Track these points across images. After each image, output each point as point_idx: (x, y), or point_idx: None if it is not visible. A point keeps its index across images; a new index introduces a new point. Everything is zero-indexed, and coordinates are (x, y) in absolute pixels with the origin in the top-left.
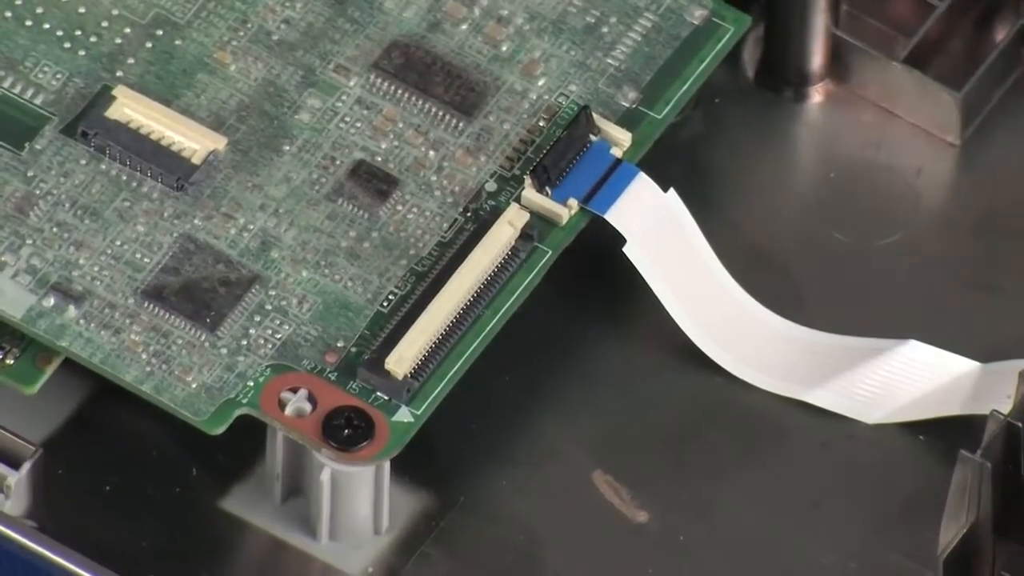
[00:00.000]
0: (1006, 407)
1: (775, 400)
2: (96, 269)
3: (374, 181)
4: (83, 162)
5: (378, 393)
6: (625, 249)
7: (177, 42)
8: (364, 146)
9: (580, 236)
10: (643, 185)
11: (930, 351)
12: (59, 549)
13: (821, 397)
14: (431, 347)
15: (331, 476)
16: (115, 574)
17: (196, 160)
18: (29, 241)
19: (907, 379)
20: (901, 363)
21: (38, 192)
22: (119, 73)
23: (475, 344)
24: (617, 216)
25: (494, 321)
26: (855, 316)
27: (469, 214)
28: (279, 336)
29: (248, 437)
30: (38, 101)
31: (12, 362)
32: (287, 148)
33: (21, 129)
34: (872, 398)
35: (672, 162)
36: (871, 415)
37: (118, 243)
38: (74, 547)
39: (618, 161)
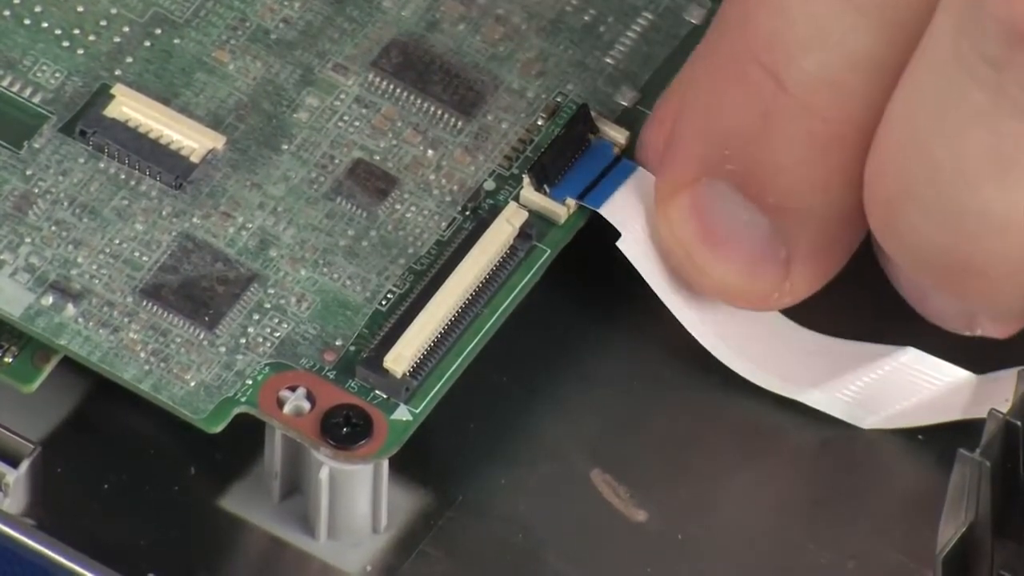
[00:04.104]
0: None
1: (774, 400)
2: (94, 267)
3: (372, 180)
4: (81, 160)
5: (376, 391)
6: (619, 243)
7: (175, 41)
8: (363, 145)
9: (580, 235)
10: (641, 179)
11: (928, 359)
12: (58, 547)
13: (816, 398)
14: (430, 346)
15: (330, 474)
16: (113, 572)
17: (195, 159)
18: (27, 239)
19: (903, 386)
20: (898, 370)
21: (37, 191)
22: (117, 72)
23: (474, 343)
24: (611, 210)
25: (492, 320)
26: (853, 320)
27: (468, 213)
28: (278, 334)
29: (246, 435)
30: (36, 100)
31: (10, 360)
32: (285, 147)
33: (20, 128)
34: (866, 403)
35: None
36: (865, 420)
37: (116, 241)
38: (72, 545)
39: (617, 158)
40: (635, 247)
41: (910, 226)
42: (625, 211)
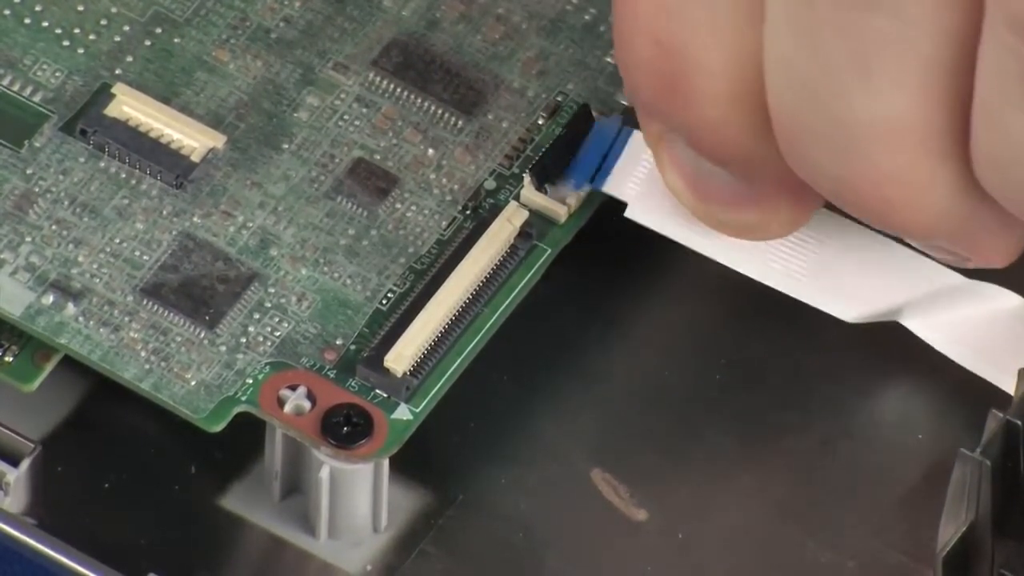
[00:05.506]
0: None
1: (774, 398)
2: (95, 266)
3: (373, 179)
4: (82, 160)
5: (377, 391)
6: (627, 213)
7: (176, 40)
8: (363, 144)
9: (580, 234)
10: (635, 142)
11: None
12: (58, 546)
13: (848, 311)
14: (430, 345)
15: (330, 474)
16: (113, 571)
17: (195, 158)
18: (28, 239)
19: (950, 298)
20: (948, 286)
21: (37, 190)
22: (118, 71)
23: (474, 342)
24: (614, 185)
25: (493, 319)
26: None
27: (468, 212)
28: (278, 334)
29: (247, 435)
30: (37, 99)
31: (11, 360)
32: (286, 146)
33: (20, 127)
34: (905, 306)
35: None
36: (907, 319)
37: (117, 241)
38: (73, 544)
39: (617, 132)
40: (643, 209)
41: (815, 164)
42: (626, 179)
